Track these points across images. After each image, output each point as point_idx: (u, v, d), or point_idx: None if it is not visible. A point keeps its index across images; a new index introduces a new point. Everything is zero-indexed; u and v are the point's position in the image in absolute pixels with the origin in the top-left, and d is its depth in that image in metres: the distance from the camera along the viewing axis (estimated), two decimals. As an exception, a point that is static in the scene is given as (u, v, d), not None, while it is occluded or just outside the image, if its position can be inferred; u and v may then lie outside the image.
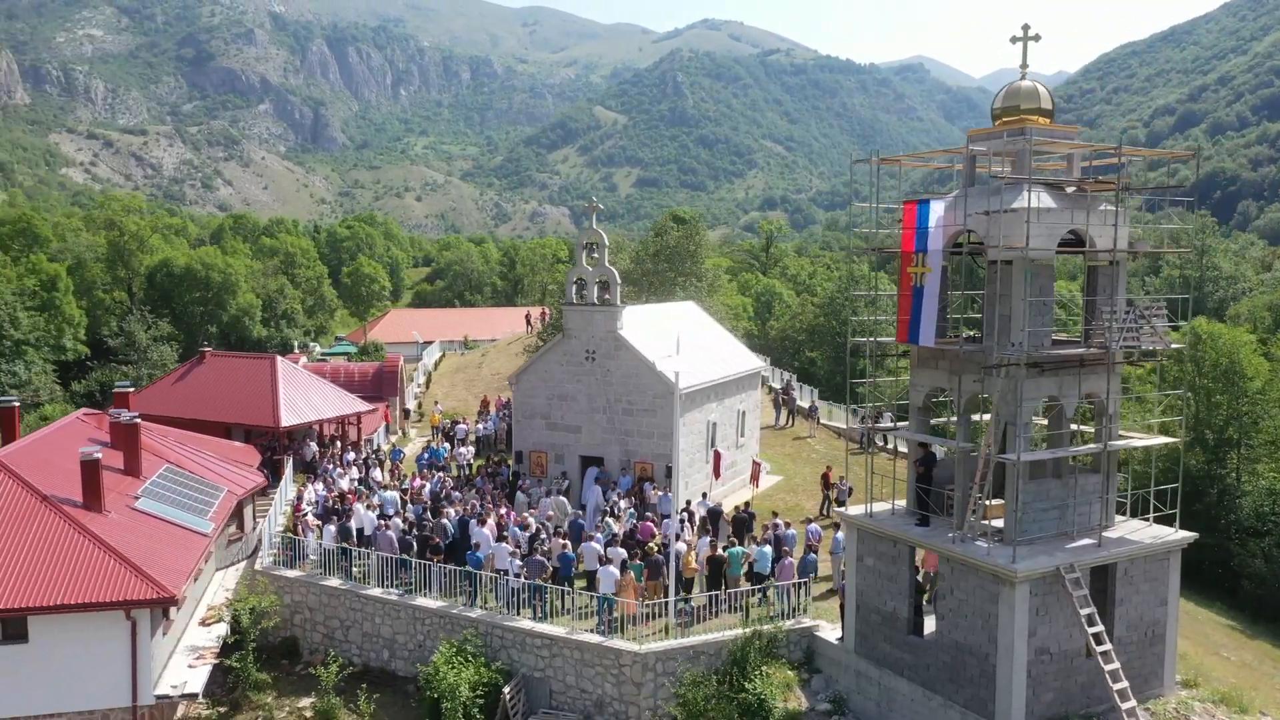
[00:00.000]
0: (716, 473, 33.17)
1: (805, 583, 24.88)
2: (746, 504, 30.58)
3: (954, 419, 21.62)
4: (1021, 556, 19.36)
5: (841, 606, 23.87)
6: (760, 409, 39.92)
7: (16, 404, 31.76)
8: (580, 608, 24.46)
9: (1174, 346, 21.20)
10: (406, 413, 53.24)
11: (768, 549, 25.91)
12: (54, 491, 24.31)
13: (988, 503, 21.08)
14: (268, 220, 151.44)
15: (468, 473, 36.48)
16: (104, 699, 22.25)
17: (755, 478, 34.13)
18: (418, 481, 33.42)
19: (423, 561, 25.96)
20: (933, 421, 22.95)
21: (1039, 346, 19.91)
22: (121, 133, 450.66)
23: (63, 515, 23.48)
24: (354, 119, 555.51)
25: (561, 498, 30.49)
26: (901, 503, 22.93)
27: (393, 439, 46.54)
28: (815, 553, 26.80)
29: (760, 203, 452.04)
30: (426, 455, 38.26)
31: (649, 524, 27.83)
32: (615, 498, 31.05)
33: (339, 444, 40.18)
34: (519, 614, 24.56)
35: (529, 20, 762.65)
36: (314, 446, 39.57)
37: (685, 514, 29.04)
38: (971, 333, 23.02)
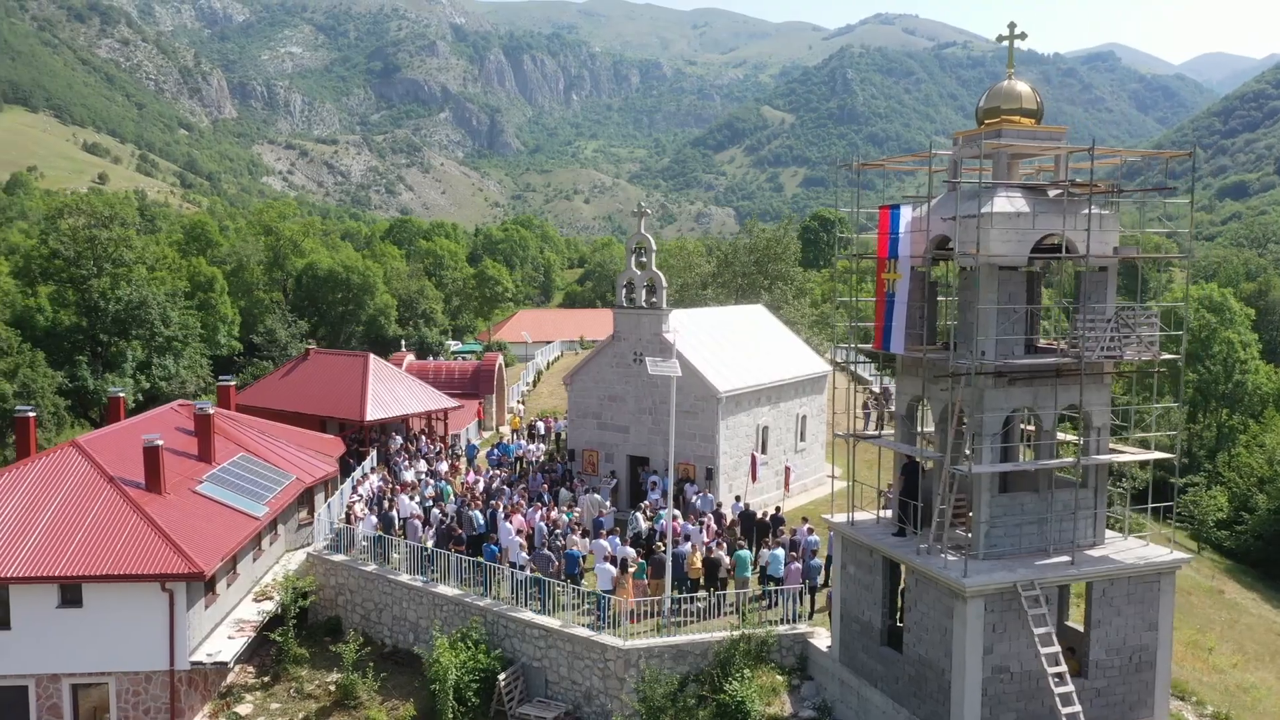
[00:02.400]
0: (753, 476, 33.23)
1: (800, 588, 24.80)
2: (777, 509, 30.54)
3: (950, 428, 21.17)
4: (980, 571, 18.85)
5: (830, 614, 23.72)
6: (825, 413, 39.47)
7: (122, 395, 35.38)
8: (588, 604, 25.21)
9: (1167, 357, 20.02)
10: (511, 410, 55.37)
11: (780, 552, 25.95)
12: (121, 474, 27.12)
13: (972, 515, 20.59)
14: (428, 224, 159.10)
15: (524, 468, 37.77)
16: (146, 662, 24.74)
17: (786, 483, 33.95)
18: (472, 476, 35.01)
19: (443, 551, 27.39)
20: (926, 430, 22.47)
21: (1007, 355, 19.30)
22: (316, 142, 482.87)
23: (123, 495, 26.20)
24: (527, 124, 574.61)
25: (596, 495, 31.33)
26: (889, 512, 22.59)
27: (486, 434, 48.58)
28: (830, 560, 26.59)
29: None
30: (496, 451, 39.89)
31: (675, 524, 28.28)
32: (656, 497, 31.67)
33: (421, 438, 42.39)
34: (525, 606, 25.59)
35: (699, 22, 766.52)
36: (399, 439, 41.92)
37: (712, 515, 29.35)
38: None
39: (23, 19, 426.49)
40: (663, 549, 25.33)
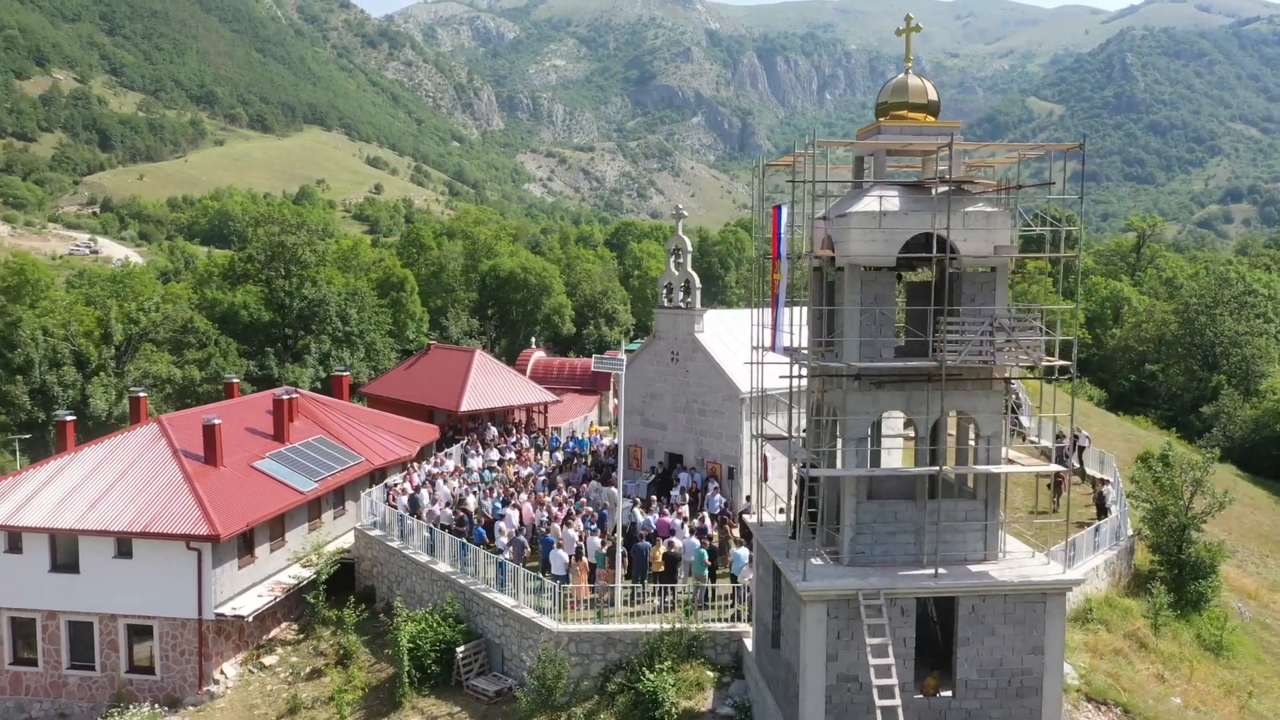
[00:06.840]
0: (764, 476, 32.92)
1: (740, 587, 24.86)
2: (781, 510, 30.25)
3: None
4: (828, 576, 18.53)
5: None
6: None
7: (236, 381, 40.35)
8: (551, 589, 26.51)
9: (1052, 363, 18.61)
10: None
11: (743, 552, 26.12)
12: (187, 447, 31.33)
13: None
14: (648, 226, 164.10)
15: (577, 461, 39.23)
16: (182, 610, 28.56)
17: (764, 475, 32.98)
18: (523, 467, 37.05)
19: (443, 531, 29.58)
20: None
21: (874, 358, 18.78)
22: (574, 150, 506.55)
23: (180, 466, 30.31)
24: (779, 126, 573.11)
25: (612, 489, 32.38)
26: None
27: (600, 428, 50.57)
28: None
29: (1222, 194, 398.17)
30: (571, 444, 41.74)
31: (665, 519, 29.01)
32: (676, 493, 32.43)
33: (512, 429, 44.99)
34: (503, 588, 27.21)
35: (963, 12, 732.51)
36: (494, 430, 44.76)
37: (714, 515, 29.80)
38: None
39: (324, 47, 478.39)
40: (619, 540, 26.16)
